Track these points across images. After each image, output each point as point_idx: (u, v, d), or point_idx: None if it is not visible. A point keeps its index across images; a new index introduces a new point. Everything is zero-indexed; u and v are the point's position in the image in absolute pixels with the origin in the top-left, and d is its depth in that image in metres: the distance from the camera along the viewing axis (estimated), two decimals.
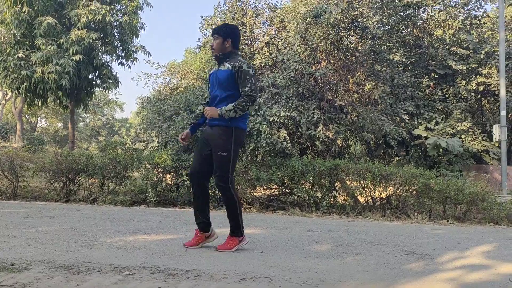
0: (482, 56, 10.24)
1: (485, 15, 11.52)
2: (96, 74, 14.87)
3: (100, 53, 14.33)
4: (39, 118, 42.96)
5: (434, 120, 9.82)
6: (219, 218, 5.82)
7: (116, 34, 14.88)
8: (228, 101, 3.61)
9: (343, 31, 9.57)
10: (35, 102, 14.78)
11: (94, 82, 15.16)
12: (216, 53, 3.80)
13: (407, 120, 9.55)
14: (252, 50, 10.47)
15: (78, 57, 12.91)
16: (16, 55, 13.01)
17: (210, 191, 4.80)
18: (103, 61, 14.43)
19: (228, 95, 3.65)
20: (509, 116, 10.82)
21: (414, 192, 6.87)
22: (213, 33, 3.84)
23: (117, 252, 3.50)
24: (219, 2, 13.21)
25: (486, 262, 3.51)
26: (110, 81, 14.66)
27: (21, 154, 8.61)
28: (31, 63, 12.99)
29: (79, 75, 13.64)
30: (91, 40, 13.16)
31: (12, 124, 37.17)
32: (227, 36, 3.79)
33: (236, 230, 3.80)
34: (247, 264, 3.23)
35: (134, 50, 15.20)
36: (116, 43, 14.85)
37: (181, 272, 2.93)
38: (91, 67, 14.13)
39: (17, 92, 14.05)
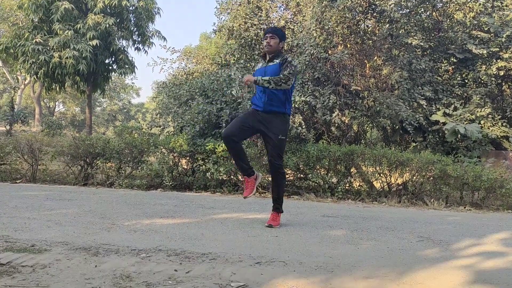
0: (503, 39, 9.98)
1: None
2: (113, 59, 14.97)
3: (116, 38, 14.40)
4: (57, 103, 43.56)
5: (453, 106, 9.65)
6: (234, 203, 5.87)
7: (132, 19, 14.92)
8: (279, 90, 4.04)
9: (360, 14, 9.41)
10: (53, 86, 14.98)
11: (110, 67, 15.27)
12: (272, 50, 4.16)
13: (424, 106, 9.40)
14: None
15: (95, 42, 13.00)
16: (34, 40, 13.14)
17: (224, 175, 4.73)
18: (120, 46, 14.51)
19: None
20: None
21: (431, 178, 6.81)
22: (270, 32, 4.18)
23: (134, 235, 3.56)
24: None
25: (504, 250, 3.48)
26: (127, 66, 14.75)
27: (40, 138, 8.74)
28: (48, 48, 13.12)
29: (96, 60, 13.75)
30: (107, 25, 13.22)
31: (31, 109, 37.80)
32: (282, 38, 4.25)
33: (280, 207, 4.26)
34: (262, 248, 3.25)
35: (150, 35, 15.24)
36: (132, 28, 14.91)
37: (197, 255, 2.97)
38: (108, 52, 14.22)
39: (35, 77, 14.25)
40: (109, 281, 2.40)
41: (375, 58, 9.69)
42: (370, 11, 9.40)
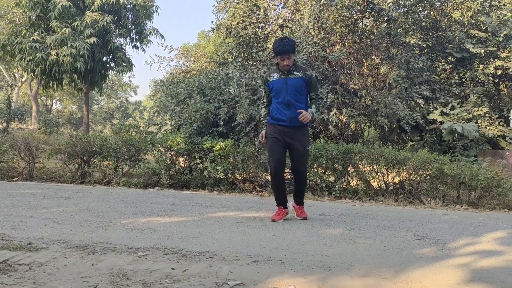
0: (501, 39, 9.99)
1: None
2: (110, 57, 14.93)
3: (114, 36, 14.37)
4: (54, 101, 43.43)
5: (450, 105, 9.66)
6: (231, 201, 5.86)
7: (130, 16, 14.88)
8: (302, 104, 4.28)
9: (358, 13, 9.41)
10: (50, 84, 14.93)
11: (108, 65, 15.24)
12: (291, 66, 4.29)
13: (422, 105, 9.41)
14: (265, 33, 10.39)
15: (92, 39, 12.96)
16: (31, 38, 13.10)
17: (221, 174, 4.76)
18: (117, 44, 14.47)
19: (301, 99, 4.30)
20: None
21: (428, 177, 6.81)
22: (287, 53, 4.21)
23: (131, 233, 3.56)
24: None
25: (500, 248, 3.49)
26: (124, 64, 14.72)
27: (37, 136, 8.74)
28: (46, 46, 13.08)
29: (94, 58, 13.71)
30: (105, 23, 13.19)
31: (28, 106, 37.67)
32: (295, 50, 4.36)
33: (303, 199, 4.64)
34: (259, 246, 3.25)
35: (148, 33, 15.20)
36: (130, 26, 14.86)
37: (194, 254, 2.97)
38: (105, 50, 14.18)
39: (32, 75, 14.21)
40: (106, 280, 2.40)
41: (373, 57, 9.70)
42: (368, 10, 9.40)
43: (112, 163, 7.77)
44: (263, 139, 4.52)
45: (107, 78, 16.43)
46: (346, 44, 9.26)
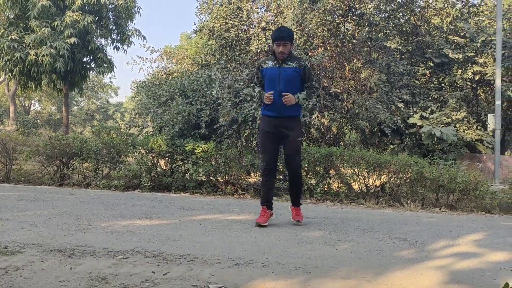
0: (478, 45, 10.22)
1: (482, 3, 11.47)
2: (91, 57, 14.75)
3: (95, 37, 14.20)
4: (32, 101, 42.64)
5: (430, 109, 9.82)
6: (213, 204, 5.84)
7: (111, 17, 14.73)
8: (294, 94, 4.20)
9: (340, 17, 9.51)
10: (29, 85, 14.67)
11: (88, 66, 15.04)
12: (286, 55, 4.24)
13: (402, 109, 9.55)
14: (248, 35, 10.39)
15: (72, 40, 12.78)
16: (10, 37, 12.85)
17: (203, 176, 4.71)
18: (98, 44, 14.30)
19: (294, 90, 4.23)
20: (503, 105, 10.84)
21: (408, 180, 6.90)
22: (283, 39, 4.19)
23: (110, 236, 3.51)
24: None
25: (477, 250, 3.55)
26: (105, 65, 14.55)
27: (15, 137, 8.55)
28: (24, 45, 12.85)
29: (74, 58, 13.52)
30: (86, 23, 13.02)
31: (5, 107, 36.91)
32: (292, 39, 4.34)
33: (299, 201, 4.53)
34: (240, 249, 3.24)
35: (130, 34, 15.06)
36: (111, 27, 14.70)
37: (175, 257, 2.95)
38: (86, 51, 14.00)
39: (10, 75, 13.94)
40: (85, 284, 2.36)
41: (355, 60, 9.80)
42: (350, 14, 9.51)
43: (92, 165, 7.66)
44: (268, 99, 4.18)
45: (88, 79, 16.21)
46: (328, 48, 9.34)
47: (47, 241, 3.25)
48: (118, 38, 15.03)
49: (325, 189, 7.13)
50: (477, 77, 10.25)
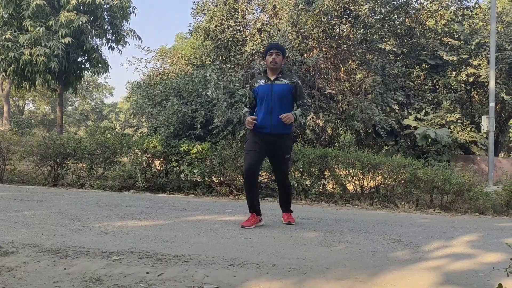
0: (472, 47, 10.28)
1: (477, 6, 11.54)
2: (86, 57, 14.68)
3: (90, 37, 14.14)
4: (26, 101, 42.40)
5: (424, 111, 9.87)
6: (208, 205, 5.83)
7: (106, 17, 14.67)
8: (287, 112, 4.21)
9: (335, 19, 9.53)
10: (23, 84, 14.59)
11: (83, 66, 14.98)
12: (277, 66, 4.29)
13: (396, 110, 9.59)
14: (244, 36, 10.40)
15: (67, 39, 12.72)
16: (4, 37, 12.77)
17: (198, 177, 4.69)
18: (93, 44, 14.24)
19: (286, 107, 4.26)
20: (497, 107, 10.91)
21: (402, 181, 6.93)
22: (276, 48, 4.32)
23: (105, 237, 3.49)
24: None
25: (471, 251, 3.57)
26: (100, 65, 14.49)
27: (8, 137, 8.50)
28: (18, 45, 12.78)
29: (68, 58, 13.45)
30: (80, 23, 12.96)
31: None
32: (284, 55, 4.40)
33: (290, 207, 4.59)
34: (235, 250, 3.24)
35: (125, 34, 15.01)
36: (106, 27, 14.66)
37: (169, 258, 2.94)
38: (81, 51, 13.94)
39: (4, 74, 13.85)
40: (79, 284, 2.34)
41: (350, 62, 9.83)
42: (345, 16, 9.53)
43: (87, 166, 7.63)
44: (250, 124, 4.22)
45: (82, 79, 16.15)
46: (323, 49, 9.36)
47: (41, 241, 3.24)
48: (113, 38, 14.98)
49: (320, 190, 7.15)
50: (471, 79, 10.31)
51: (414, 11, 11.12)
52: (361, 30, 9.97)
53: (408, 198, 6.86)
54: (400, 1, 10.51)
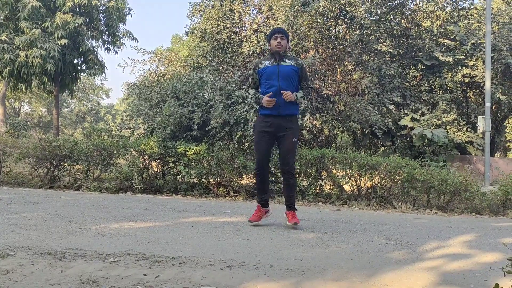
0: (468, 47, 10.32)
1: (472, 6, 11.58)
2: (82, 59, 14.66)
3: (86, 38, 14.11)
4: (22, 103, 42.26)
5: (420, 111, 9.90)
6: (205, 206, 5.83)
7: (102, 19, 14.66)
8: (293, 91, 4.27)
9: (331, 20, 9.55)
10: (19, 86, 14.55)
11: (79, 67, 14.95)
12: (283, 49, 4.34)
13: (393, 111, 9.61)
14: (240, 37, 10.40)
15: (63, 41, 12.70)
16: None
17: (195, 178, 4.68)
18: (89, 46, 14.22)
19: (292, 87, 4.29)
20: (493, 107, 10.96)
21: (399, 181, 6.94)
22: (280, 32, 4.39)
23: (102, 239, 3.48)
24: None
25: (468, 251, 3.58)
26: (96, 67, 14.47)
27: (4, 139, 8.50)
28: (14, 47, 12.74)
29: (64, 60, 13.43)
30: (76, 25, 12.94)
31: None
32: (288, 37, 4.48)
33: (294, 205, 4.45)
34: (232, 251, 3.24)
35: (121, 35, 15.00)
36: (102, 28, 14.64)
37: (167, 259, 2.93)
38: (77, 52, 13.92)
39: (0, 76, 13.80)
40: (75, 287, 2.33)
41: (346, 63, 9.85)
42: (341, 17, 9.55)
43: (83, 168, 7.61)
44: (271, 103, 4.19)
45: (78, 80, 16.12)
46: (320, 50, 9.37)
47: (37, 244, 3.22)
48: (109, 39, 14.96)
49: (317, 190, 7.15)
50: (467, 80, 10.35)
51: (410, 12, 11.15)
52: (357, 31, 9.99)
53: (405, 199, 6.87)
54: (396, 2, 10.54)
